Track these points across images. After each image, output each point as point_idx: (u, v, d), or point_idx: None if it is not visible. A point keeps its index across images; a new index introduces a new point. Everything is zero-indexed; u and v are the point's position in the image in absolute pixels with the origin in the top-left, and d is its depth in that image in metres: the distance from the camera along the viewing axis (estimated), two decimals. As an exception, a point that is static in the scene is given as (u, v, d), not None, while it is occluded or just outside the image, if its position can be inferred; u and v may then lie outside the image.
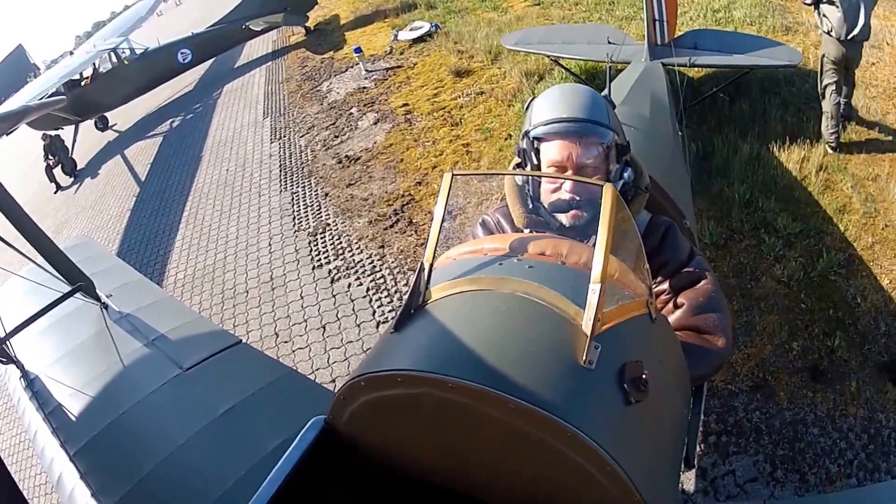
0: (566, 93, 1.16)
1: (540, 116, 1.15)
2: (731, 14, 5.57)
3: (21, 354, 1.92)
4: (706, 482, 2.13)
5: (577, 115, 1.11)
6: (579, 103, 1.12)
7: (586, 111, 1.11)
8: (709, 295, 1.16)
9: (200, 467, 1.40)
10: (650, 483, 0.74)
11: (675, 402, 0.93)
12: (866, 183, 3.40)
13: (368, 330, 3.33)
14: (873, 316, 2.62)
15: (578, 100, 1.13)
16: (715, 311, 1.15)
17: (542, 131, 1.13)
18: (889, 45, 4.71)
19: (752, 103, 4.17)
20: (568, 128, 1.10)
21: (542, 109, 1.15)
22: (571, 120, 1.10)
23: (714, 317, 1.14)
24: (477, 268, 0.88)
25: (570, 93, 1.16)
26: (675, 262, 1.22)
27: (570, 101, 1.13)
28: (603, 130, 1.13)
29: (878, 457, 2.13)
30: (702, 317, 1.14)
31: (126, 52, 8.81)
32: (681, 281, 1.20)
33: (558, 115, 1.12)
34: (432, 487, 0.85)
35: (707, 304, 1.15)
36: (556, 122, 1.11)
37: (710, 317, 1.14)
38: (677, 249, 1.23)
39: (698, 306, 1.15)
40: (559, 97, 1.15)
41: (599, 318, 0.75)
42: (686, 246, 1.25)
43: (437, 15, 7.78)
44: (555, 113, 1.12)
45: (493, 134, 4.79)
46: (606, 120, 1.14)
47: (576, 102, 1.13)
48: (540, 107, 1.17)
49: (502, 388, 0.67)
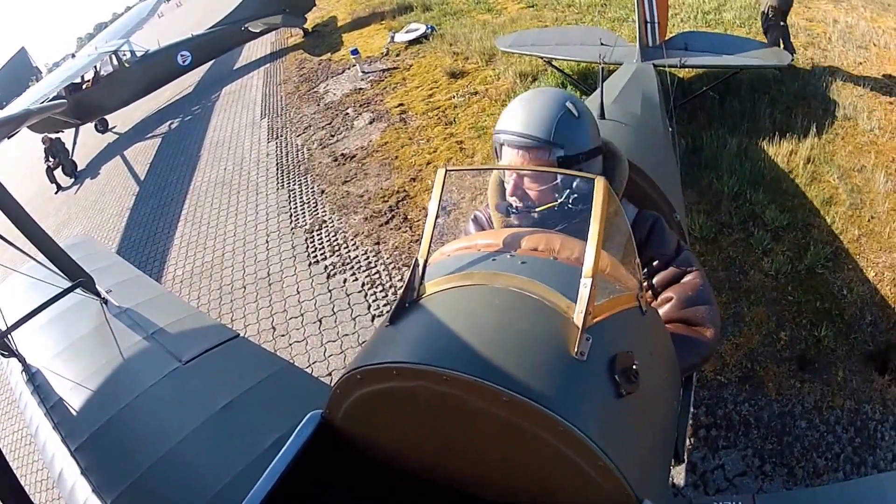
0: (529, 104, 1.18)
1: (503, 122, 1.19)
2: (721, 16, 5.63)
3: (23, 349, 1.93)
4: (696, 476, 2.15)
5: (528, 132, 1.14)
6: (536, 118, 1.15)
7: (539, 128, 1.14)
8: (697, 288, 1.20)
9: (199, 462, 1.41)
10: (641, 476, 0.74)
11: (666, 393, 0.93)
12: (852, 174, 3.46)
13: (364, 324, 3.36)
14: (859, 307, 2.66)
15: (537, 114, 1.15)
16: (703, 303, 1.19)
17: (501, 139, 1.18)
18: (875, 45, 4.79)
19: (741, 101, 4.22)
20: (517, 142, 1.15)
21: (507, 115, 1.20)
22: (521, 135, 1.14)
23: (703, 309, 1.18)
24: (471, 263, 0.89)
25: (532, 105, 1.18)
26: (663, 256, 1.24)
27: (529, 114, 1.16)
28: (551, 149, 1.15)
29: (864, 451, 2.16)
30: (691, 310, 1.18)
31: (127, 54, 8.87)
32: (669, 275, 1.23)
33: (514, 126, 1.16)
34: (428, 479, 0.86)
35: (695, 297, 1.19)
36: (508, 133, 1.16)
37: (699, 309, 1.18)
38: (664, 244, 1.26)
39: (687, 299, 1.19)
40: (520, 109, 1.18)
41: (590, 311, 0.76)
42: (673, 240, 1.28)
43: (433, 17, 7.81)
44: (513, 123, 1.17)
45: (486, 132, 4.85)
46: (559, 137, 1.16)
47: (533, 117, 1.15)
48: (507, 111, 1.21)
49: (495, 380, 0.68)
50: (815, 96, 4.21)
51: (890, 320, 2.59)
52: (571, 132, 1.18)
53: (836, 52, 4.70)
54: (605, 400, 0.74)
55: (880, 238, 3.02)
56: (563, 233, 0.98)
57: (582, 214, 0.98)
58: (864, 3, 5.62)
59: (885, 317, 2.61)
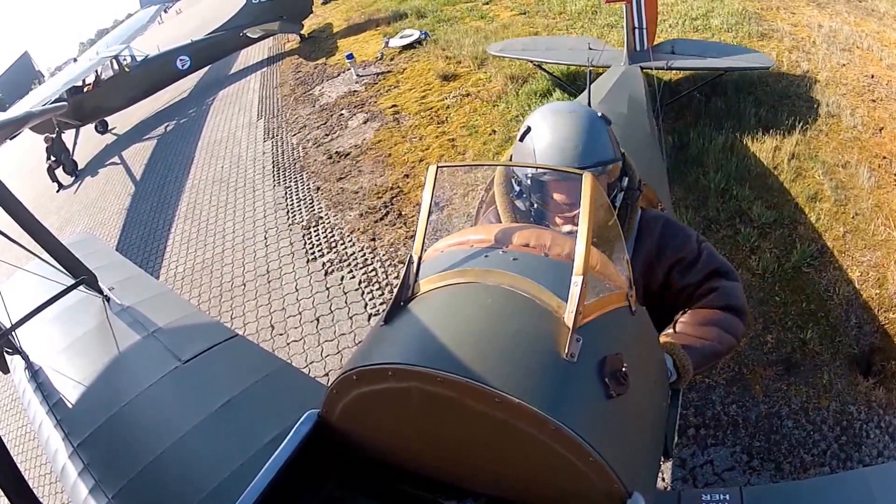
0: (570, 136, 1.11)
1: (545, 157, 1.12)
2: (709, 22, 5.68)
3: (27, 346, 1.96)
4: (685, 471, 2.19)
5: (584, 164, 1.10)
6: (580, 150, 1.10)
7: (586, 157, 1.09)
8: (731, 274, 1.25)
9: (198, 459, 1.44)
10: (631, 471, 0.76)
11: (654, 394, 0.95)
12: (837, 170, 3.48)
13: (360, 322, 3.38)
14: (844, 308, 2.68)
15: (580, 146, 1.10)
16: (738, 289, 1.24)
17: (549, 177, 1.12)
18: (859, 48, 4.87)
19: (727, 101, 4.28)
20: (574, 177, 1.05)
21: (546, 151, 1.12)
22: (579, 171, 1.04)
23: (739, 294, 1.23)
24: (463, 260, 0.90)
25: (569, 136, 1.11)
26: (690, 253, 1.24)
27: (570, 147, 1.10)
28: (603, 168, 1.12)
29: (850, 448, 2.19)
30: (732, 296, 1.22)
31: (127, 58, 8.99)
32: (704, 269, 1.23)
33: (563, 161, 1.10)
34: (422, 477, 0.87)
35: (732, 285, 1.23)
36: (562, 171, 1.09)
37: (737, 295, 1.22)
38: (686, 241, 1.25)
39: (726, 290, 1.22)
40: (563, 142, 1.11)
41: (581, 311, 0.76)
42: (691, 234, 1.28)
43: (427, 23, 7.88)
44: (559, 157, 1.10)
45: (477, 130, 4.91)
46: (609, 152, 1.13)
47: (576, 150, 1.10)
48: (543, 147, 1.13)
49: (487, 382, 0.69)
50: (799, 96, 4.27)
51: (874, 323, 2.61)
52: (612, 135, 1.17)
53: (820, 54, 4.78)
54: (595, 400, 0.76)
55: (865, 235, 3.04)
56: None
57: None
58: (848, 9, 5.71)
59: (869, 319, 2.63)
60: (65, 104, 6.99)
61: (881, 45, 4.89)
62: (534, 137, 1.16)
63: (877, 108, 4.07)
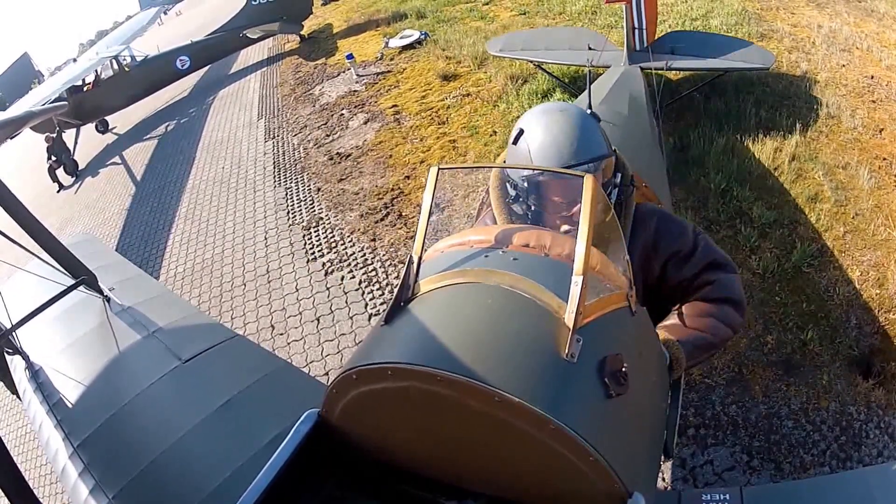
0: (564, 134, 1.12)
1: (540, 156, 1.13)
2: (708, 22, 5.68)
3: (27, 346, 1.96)
4: (685, 471, 2.19)
5: (580, 160, 1.11)
6: (576, 147, 1.11)
7: (582, 153, 1.11)
8: (727, 267, 1.25)
9: (199, 458, 1.44)
10: (631, 471, 0.76)
11: (654, 394, 0.95)
12: (837, 171, 3.48)
13: (361, 322, 3.38)
14: (844, 309, 2.67)
15: (574, 143, 1.11)
16: (735, 281, 1.24)
17: (547, 178, 1.13)
18: (858, 49, 4.87)
19: (727, 102, 4.28)
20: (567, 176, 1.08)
21: (542, 151, 1.13)
22: (571, 169, 1.08)
23: (736, 287, 1.23)
24: (464, 260, 0.90)
25: (563, 134, 1.13)
26: (684, 248, 1.24)
27: (565, 144, 1.11)
28: (598, 164, 1.13)
29: (850, 447, 2.19)
30: (727, 289, 1.22)
31: (127, 59, 9.01)
32: (700, 262, 1.23)
33: (560, 158, 1.11)
34: (423, 479, 0.87)
35: (728, 276, 1.23)
36: (553, 171, 1.11)
37: (734, 288, 1.22)
38: (682, 234, 1.25)
39: (723, 282, 1.22)
40: (557, 140, 1.12)
41: (581, 311, 0.76)
42: (686, 227, 1.27)
43: (427, 24, 7.89)
44: (555, 155, 1.11)
45: (478, 131, 4.91)
46: (603, 148, 1.14)
47: (572, 147, 1.11)
48: (538, 147, 1.13)
49: (488, 382, 0.69)
50: (799, 96, 4.27)
51: (874, 324, 2.61)
52: (602, 134, 1.19)
53: (819, 55, 4.78)
54: (595, 400, 0.76)
55: (865, 235, 3.04)
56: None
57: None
58: (848, 9, 5.71)
59: (869, 320, 2.63)
60: (65, 103, 7.02)
61: (881, 46, 4.89)
62: (528, 139, 1.17)
63: (877, 109, 4.07)
